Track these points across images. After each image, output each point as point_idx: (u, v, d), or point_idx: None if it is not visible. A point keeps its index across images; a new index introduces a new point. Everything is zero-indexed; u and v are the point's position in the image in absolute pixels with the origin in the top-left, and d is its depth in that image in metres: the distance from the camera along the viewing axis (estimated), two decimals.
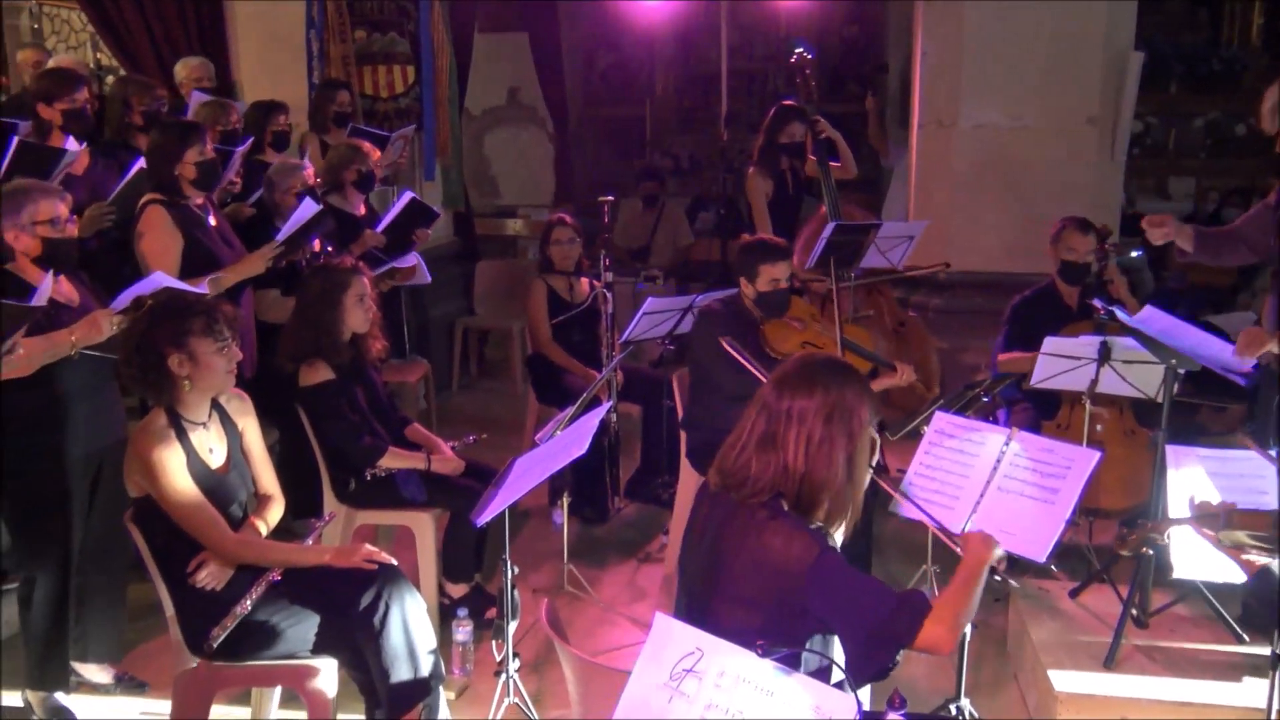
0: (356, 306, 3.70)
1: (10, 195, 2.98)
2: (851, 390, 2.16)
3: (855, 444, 2.15)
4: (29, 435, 3.08)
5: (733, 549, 2.15)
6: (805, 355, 2.30)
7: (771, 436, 2.15)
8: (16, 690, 3.34)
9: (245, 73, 6.45)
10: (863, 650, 2.03)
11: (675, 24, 9.37)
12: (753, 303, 3.97)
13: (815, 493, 2.13)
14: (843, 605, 2.06)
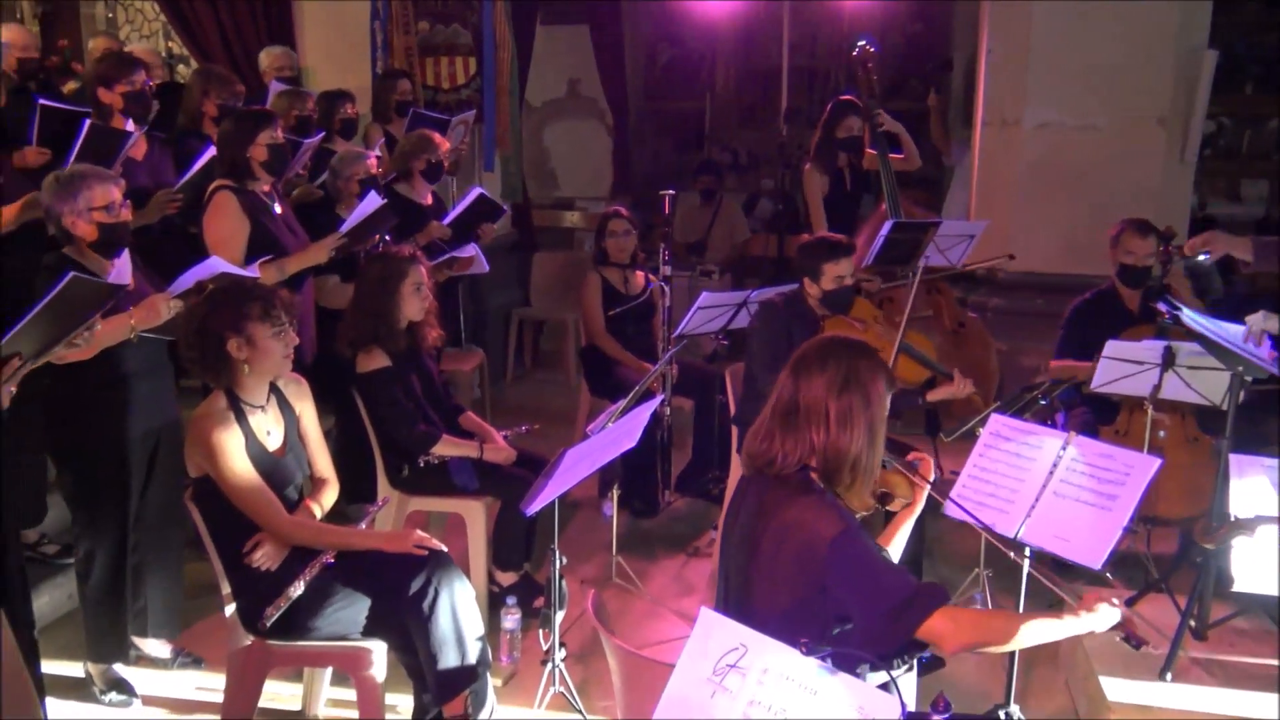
0: (413, 295, 3.75)
1: (67, 182, 3.06)
2: (864, 361, 2.26)
3: (873, 411, 2.24)
4: (88, 414, 3.17)
5: (764, 527, 2.22)
6: (821, 337, 2.40)
7: (793, 413, 2.25)
8: (78, 661, 3.43)
9: (311, 63, 6.55)
10: (870, 631, 2.08)
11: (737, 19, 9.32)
12: (819, 302, 3.93)
13: (839, 461, 2.22)
14: (860, 583, 2.10)
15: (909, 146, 5.39)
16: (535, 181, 9.48)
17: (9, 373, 2.37)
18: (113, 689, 3.36)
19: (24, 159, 3.98)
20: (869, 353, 2.31)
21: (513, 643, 3.58)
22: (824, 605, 2.14)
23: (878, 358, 2.32)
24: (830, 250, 3.91)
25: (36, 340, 2.43)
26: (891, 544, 2.63)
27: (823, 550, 2.10)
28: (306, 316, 4.07)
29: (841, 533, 2.11)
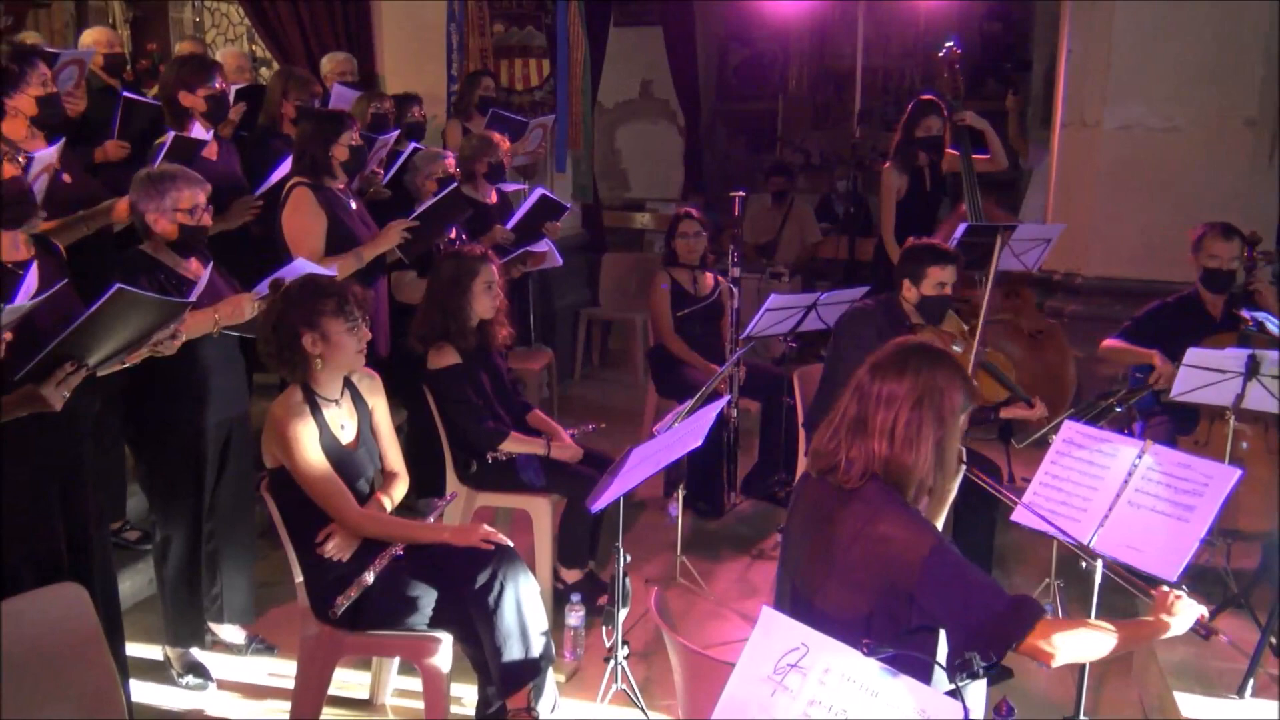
0: (484, 293, 3.79)
1: (157, 180, 3.15)
2: (943, 374, 2.16)
3: (945, 429, 2.15)
4: (165, 404, 3.26)
5: (848, 534, 2.14)
6: (903, 340, 2.29)
7: (862, 420, 2.17)
8: (157, 645, 3.54)
9: (388, 65, 6.67)
10: (966, 645, 2.00)
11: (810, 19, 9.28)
12: (914, 307, 3.86)
13: (902, 475, 2.14)
14: (954, 599, 2.03)
15: (995, 146, 5.30)
16: (606, 182, 9.54)
17: (61, 375, 2.42)
18: (189, 672, 3.46)
19: (105, 153, 4.12)
20: (950, 363, 2.21)
21: (576, 639, 3.61)
22: (904, 617, 2.09)
23: (959, 368, 2.22)
24: (936, 255, 3.80)
25: (91, 347, 2.47)
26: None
27: (916, 566, 2.04)
28: (381, 312, 4.15)
29: (934, 549, 2.05)
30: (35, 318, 2.56)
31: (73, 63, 4.14)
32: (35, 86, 3.34)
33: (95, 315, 2.38)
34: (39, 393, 2.40)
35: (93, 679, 2.25)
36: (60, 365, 2.42)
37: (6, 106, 3.28)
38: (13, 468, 2.57)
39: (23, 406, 2.43)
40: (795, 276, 7.40)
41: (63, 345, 2.39)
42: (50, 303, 2.63)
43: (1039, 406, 3.76)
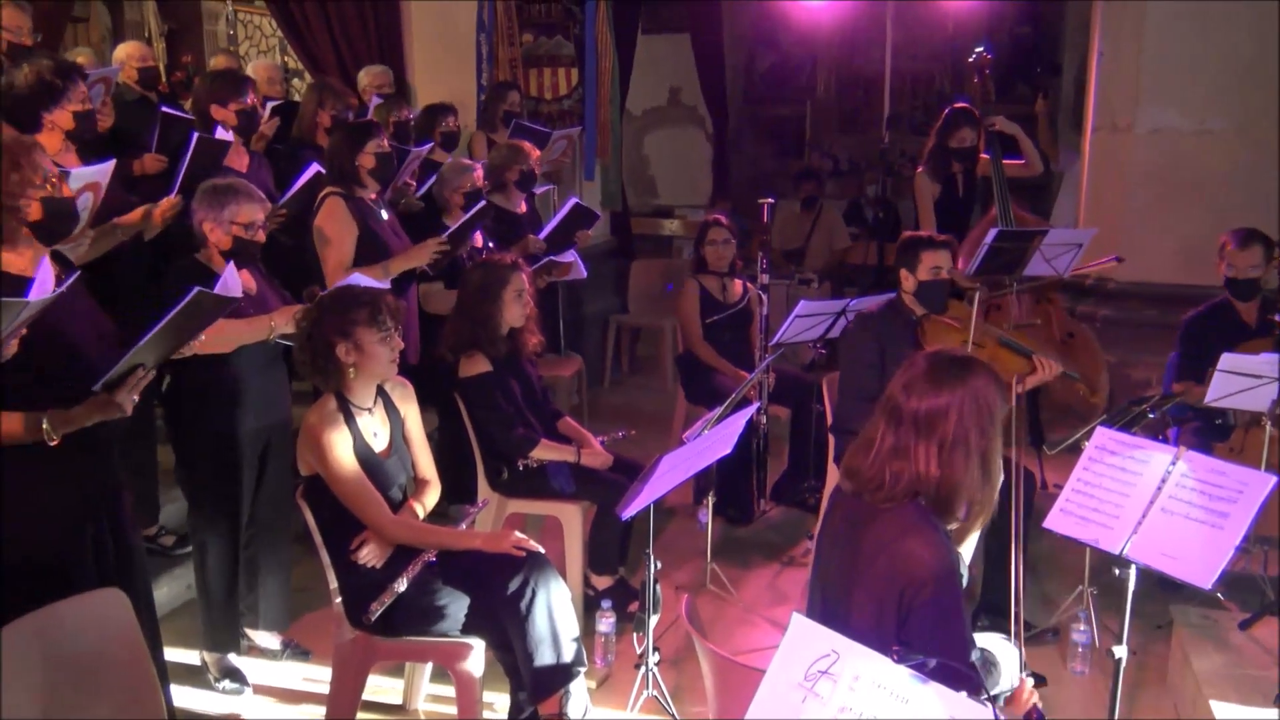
0: (515, 302, 3.82)
1: (218, 192, 3.21)
2: (978, 381, 2.14)
3: (988, 439, 2.13)
4: (206, 410, 3.31)
5: (871, 549, 2.14)
6: (931, 353, 2.26)
7: (903, 444, 2.13)
8: (195, 650, 3.59)
9: (419, 75, 6.74)
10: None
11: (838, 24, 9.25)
12: (913, 296, 3.89)
13: (952, 494, 2.12)
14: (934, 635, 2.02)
15: (1029, 151, 5.28)
16: (635, 189, 9.56)
17: (134, 382, 2.49)
18: (226, 677, 3.51)
19: (143, 165, 4.19)
20: (981, 367, 2.19)
21: (607, 646, 3.62)
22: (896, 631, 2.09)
23: (990, 370, 2.20)
24: (929, 240, 3.88)
25: (157, 351, 2.55)
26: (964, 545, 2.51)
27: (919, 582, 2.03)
28: (411, 321, 4.19)
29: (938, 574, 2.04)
30: (70, 329, 2.61)
31: (100, 80, 4.22)
32: (75, 102, 3.41)
33: (174, 320, 2.45)
34: (114, 400, 2.46)
35: (134, 683, 2.29)
36: (133, 371, 2.48)
37: (45, 120, 3.34)
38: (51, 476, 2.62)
39: (96, 414, 2.49)
40: (824, 282, 7.39)
41: (139, 352, 2.46)
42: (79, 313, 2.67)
43: (1039, 362, 3.74)
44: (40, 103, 3.32)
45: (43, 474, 2.58)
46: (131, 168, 4.22)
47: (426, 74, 6.73)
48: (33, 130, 3.26)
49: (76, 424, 2.49)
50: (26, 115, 3.31)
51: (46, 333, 2.53)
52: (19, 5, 4.54)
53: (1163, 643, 3.67)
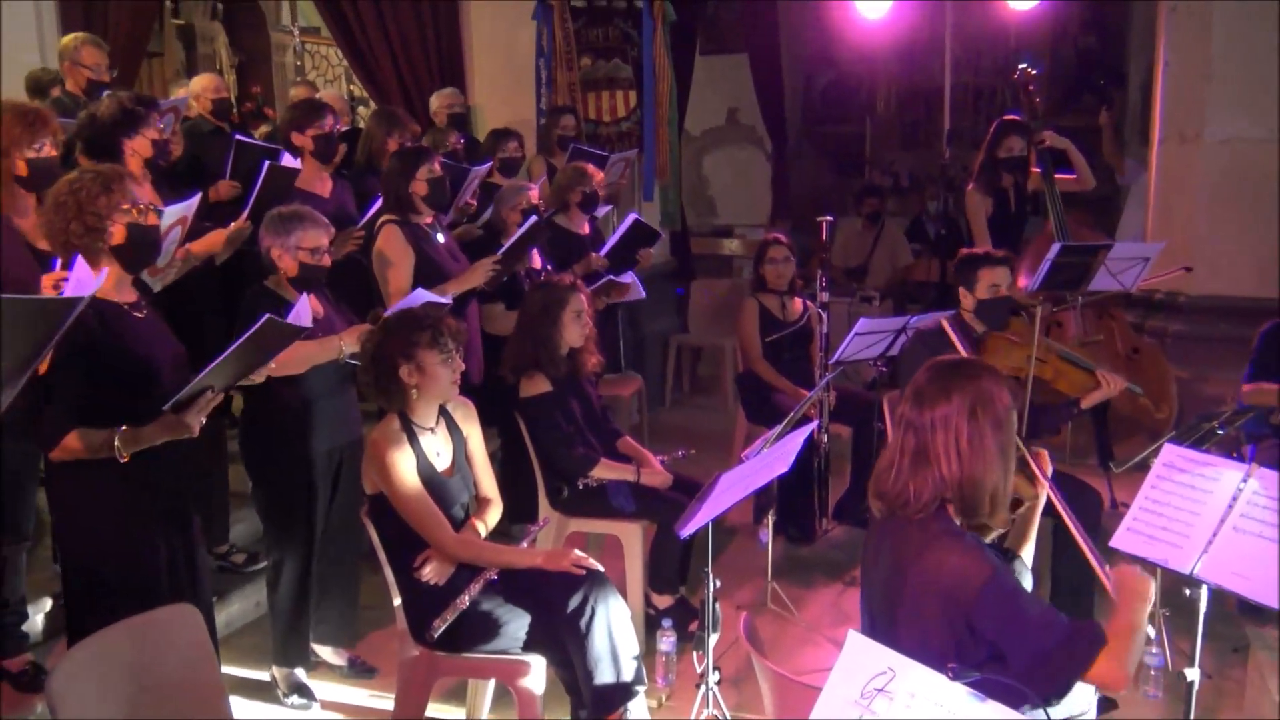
0: (574, 322, 3.86)
1: (285, 219, 3.31)
2: (986, 379, 2.18)
3: (1005, 433, 2.16)
4: (280, 432, 3.39)
5: (908, 569, 2.16)
6: (931, 363, 2.30)
7: (923, 451, 2.17)
8: (264, 665, 3.67)
9: (480, 100, 6.86)
10: (1025, 675, 2.00)
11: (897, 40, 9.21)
12: (972, 315, 3.86)
13: (977, 490, 2.15)
14: (1011, 627, 2.04)
15: (1080, 165, 5.20)
16: (694, 209, 9.59)
17: (203, 403, 2.58)
18: (295, 692, 3.58)
19: (218, 192, 4.33)
20: (987, 368, 2.25)
21: (668, 664, 3.62)
22: (973, 649, 2.09)
23: (995, 370, 2.26)
24: (987, 257, 3.85)
25: (227, 375, 2.64)
26: (1025, 549, 2.55)
27: (973, 595, 2.05)
28: (473, 341, 4.25)
29: (990, 578, 2.05)
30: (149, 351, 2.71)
31: (170, 110, 4.37)
32: (152, 130, 3.53)
33: (244, 345, 2.53)
34: (183, 420, 2.55)
35: (205, 697, 2.35)
36: (202, 394, 2.57)
37: (126, 148, 3.47)
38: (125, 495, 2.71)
39: (164, 434, 2.59)
40: (886, 300, 7.33)
41: (210, 375, 2.54)
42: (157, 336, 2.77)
43: (1103, 376, 3.67)
44: (121, 130, 3.45)
45: (120, 490, 2.68)
46: (208, 194, 4.37)
47: (488, 100, 6.85)
48: (114, 157, 3.38)
49: (145, 442, 2.59)
50: (109, 143, 3.44)
51: (122, 353, 2.64)
52: (97, 43, 4.73)
53: (1239, 666, 3.57)
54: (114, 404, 2.61)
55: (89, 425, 2.59)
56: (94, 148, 3.45)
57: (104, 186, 2.64)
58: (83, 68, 4.64)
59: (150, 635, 2.29)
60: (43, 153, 3.02)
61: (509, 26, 6.72)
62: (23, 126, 2.97)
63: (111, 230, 2.66)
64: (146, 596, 2.64)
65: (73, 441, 2.58)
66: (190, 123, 5.08)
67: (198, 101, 5.29)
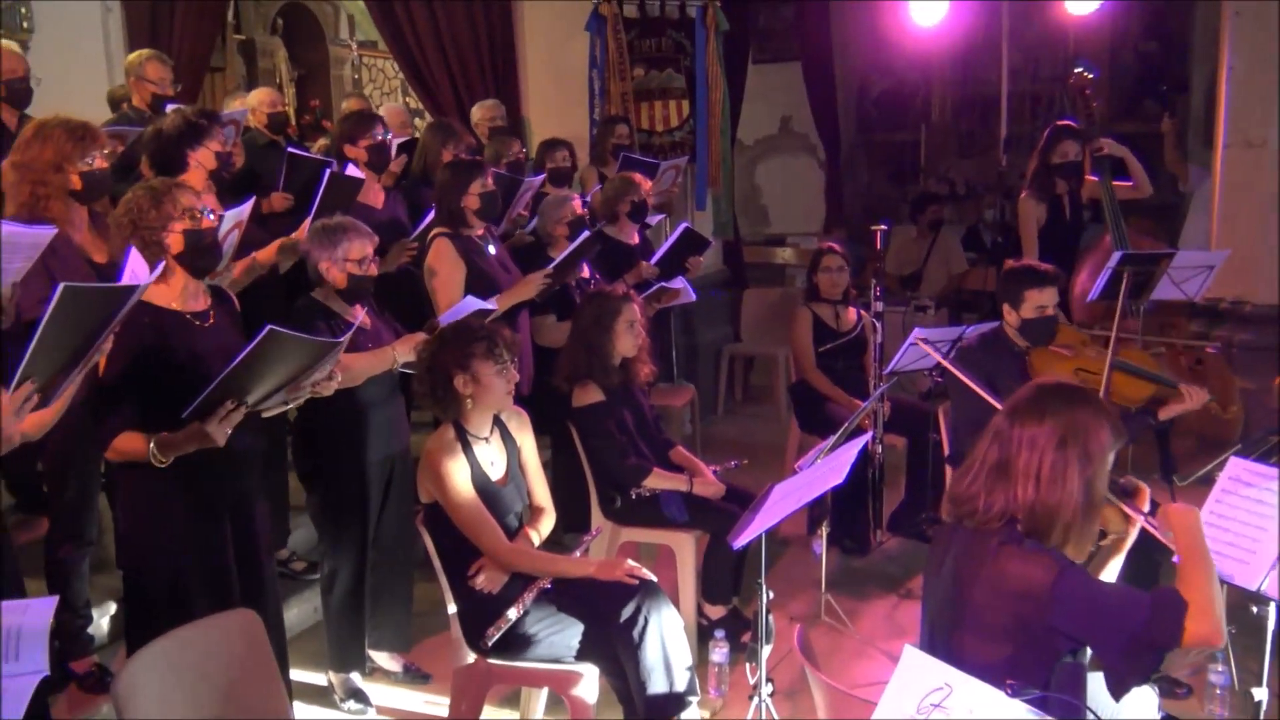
0: (627, 332, 3.87)
1: (331, 231, 3.35)
2: (1084, 412, 2.13)
3: (1093, 467, 2.11)
4: (334, 441, 3.44)
5: (971, 580, 2.13)
6: (1039, 382, 2.26)
7: (1004, 465, 2.15)
8: (321, 670, 3.72)
9: (533, 111, 6.91)
10: (1121, 660, 1.98)
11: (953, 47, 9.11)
12: (1016, 331, 3.81)
13: (1049, 518, 2.11)
14: (1093, 619, 2.01)
15: (1138, 173, 5.10)
16: (747, 218, 9.56)
17: (223, 413, 2.61)
18: (351, 697, 3.62)
19: (271, 204, 4.41)
20: (1092, 401, 2.18)
21: (720, 676, 3.61)
22: (1048, 652, 2.06)
23: (1102, 406, 2.19)
24: (1034, 277, 3.76)
25: (251, 386, 2.63)
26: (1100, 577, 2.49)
27: (1044, 596, 2.02)
28: (524, 354, 4.28)
29: (1059, 574, 2.02)
30: (205, 360, 2.76)
31: (231, 122, 4.46)
32: (216, 142, 3.61)
33: (250, 356, 2.55)
34: (205, 430, 2.59)
35: (266, 703, 2.39)
36: (221, 403, 2.60)
37: (190, 160, 3.55)
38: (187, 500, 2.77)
39: (190, 442, 2.63)
40: (941, 308, 7.26)
41: (222, 385, 2.57)
42: (220, 346, 2.83)
43: (1192, 392, 3.59)
44: (186, 142, 3.54)
45: (182, 494, 2.75)
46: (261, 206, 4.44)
47: (541, 111, 6.90)
48: (180, 170, 3.46)
49: (177, 450, 2.64)
50: (175, 155, 3.52)
51: (174, 361, 2.69)
52: (162, 59, 4.84)
53: None
54: (169, 410, 2.66)
55: (146, 430, 2.64)
56: (159, 160, 3.53)
57: (153, 201, 2.71)
58: (148, 83, 4.76)
59: (213, 639, 2.33)
60: (94, 165, 3.11)
61: (562, 38, 6.76)
62: (73, 142, 3.05)
63: (169, 241, 2.73)
64: (208, 601, 2.70)
65: (121, 444, 2.66)
66: (247, 135, 5.19)
67: (254, 115, 5.40)
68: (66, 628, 3.32)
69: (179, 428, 2.64)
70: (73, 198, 3.11)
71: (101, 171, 3.13)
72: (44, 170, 3.03)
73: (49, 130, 3.05)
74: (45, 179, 3.04)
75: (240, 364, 2.55)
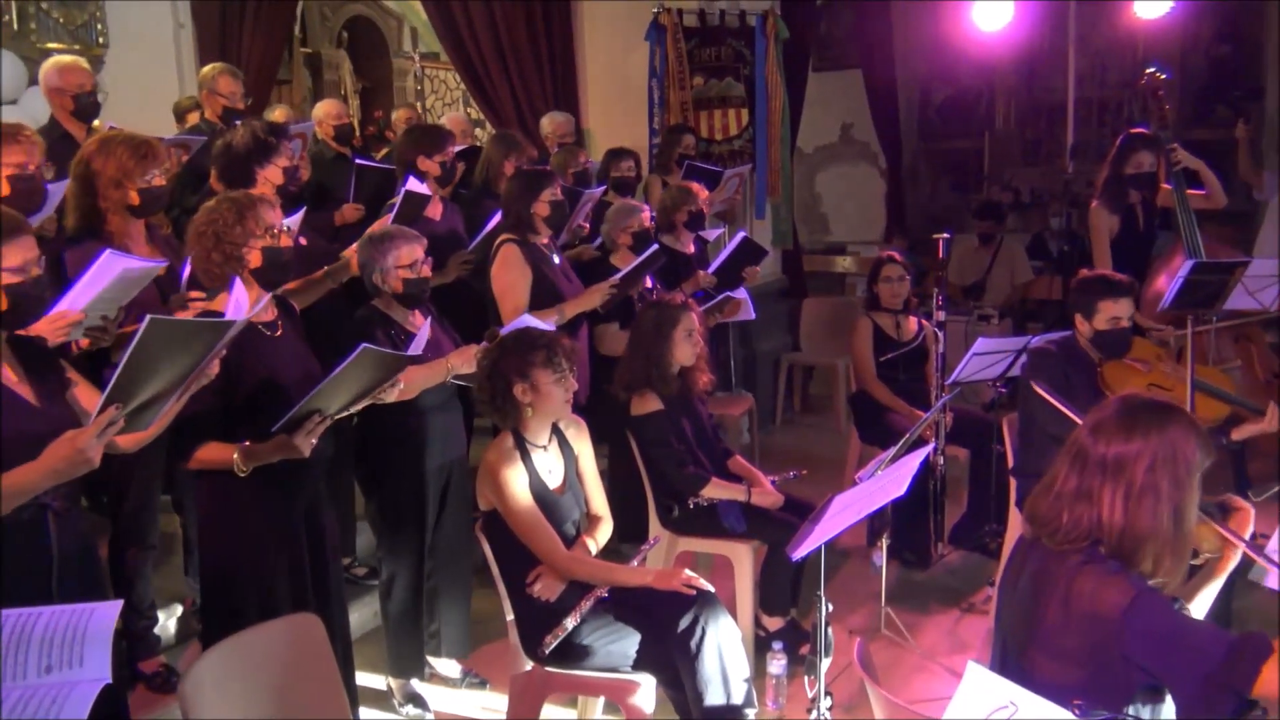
0: (685, 341, 3.87)
1: (378, 241, 3.39)
2: (1176, 431, 1.99)
3: (1183, 493, 1.98)
4: (390, 449, 3.48)
5: (1046, 599, 2.05)
6: (1125, 397, 2.13)
7: (1086, 489, 2.02)
8: (381, 675, 3.75)
9: (593, 121, 6.94)
10: (1193, 701, 1.86)
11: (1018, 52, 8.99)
12: (1089, 342, 3.72)
13: (1137, 545, 1.99)
14: (1166, 652, 1.89)
15: (1211, 183, 4.97)
16: (806, 226, 9.52)
17: (311, 426, 2.68)
18: (410, 702, 3.65)
19: (343, 216, 4.47)
20: (1182, 416, 2.05)
21: (778, 688, 3.58)
22: (1124, 680, 1.97)
23: (1192, 421, 2.06)
24: (1109, 287, 3.66)
25: (335, 400, 2.72)
26: (1193, 604, 2.36)
27: (1116, 622, 1.92)
28: (582, 360, 4.29)
29: (1134, 600, 1.92)
30: (279, 370, 2.82)
31: (299, 135, 4.54)
32: (284, 158, 3.68)
33: (344, 372, 2.62)
34: (292, 442, 2.66)
35: (326, 706, 2.42)
36: (310, 417, 2.67)
37: (258, 176, 3.62)
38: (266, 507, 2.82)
39: (277, 453, 2.70)
40: (1005, 319, 7.14)
41: (312, 400, 2.64)
42: (291, 356, 2.89)
43: (1272, 413, 3.47)
44: (255, 160, 3.60)
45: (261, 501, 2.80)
46: (333, 220, 4.51)
47: (601, 121, 6.93)
48: (248, 185, 3.53)
49: (261, 460, 2.70)
50: (242, 172, 3.59)
51: (249, 371, 2.75)
52: (234, 73, 4.95)
53: None
54: (244, 419, 2.72)
55: (222, 439, 2.70)
56: (229, 175, 3.61)
57: (238, 215, 2.77)
58: (219, 96, 4.86)
59: (276, 643, 2.37)
60: (153, 183, 3.18)
61: (621, 49, 6.79)
62: (136, 159, 3.13)
63: (249, 256, 2.78)
64: (288, 605, 2.75)
65: (204, 454, 2.71)
66: (315, 149, 5.27)
67: (320, 128, 5.48)
68: (133, 629, 3.39)
69: (254, 436, 2.70)
70: (130, 212, 3.19)
71: (159, 188, 3.22)
72: (105, 184, 3.12)
73: (112, 146, 3.13)
74: (105, 193, 3.12)
75: (333, 380, 2.62)
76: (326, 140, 5.51)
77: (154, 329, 1.99)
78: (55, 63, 4.23)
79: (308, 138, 4.91)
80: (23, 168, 3.15)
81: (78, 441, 2.03)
